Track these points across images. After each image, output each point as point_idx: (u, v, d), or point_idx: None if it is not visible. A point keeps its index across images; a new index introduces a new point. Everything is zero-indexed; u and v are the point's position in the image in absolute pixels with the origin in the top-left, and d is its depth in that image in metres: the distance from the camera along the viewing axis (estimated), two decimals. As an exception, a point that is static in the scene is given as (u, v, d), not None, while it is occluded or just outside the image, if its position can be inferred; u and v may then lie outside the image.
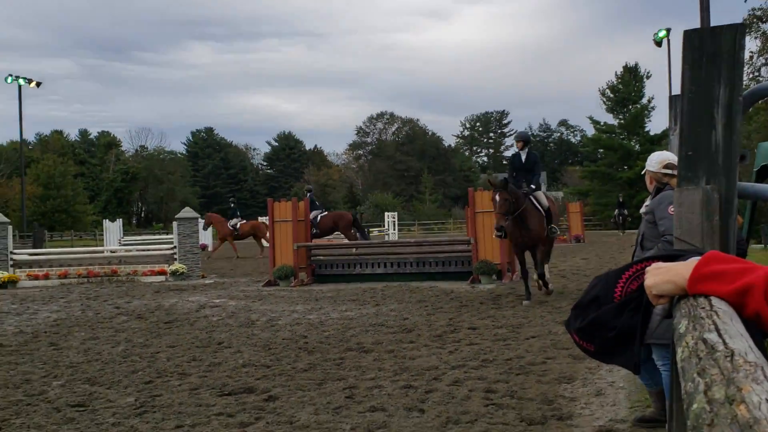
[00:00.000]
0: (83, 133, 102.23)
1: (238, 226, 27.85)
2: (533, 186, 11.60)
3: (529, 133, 14.04)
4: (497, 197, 10.77)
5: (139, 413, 5.46)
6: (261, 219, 30.40)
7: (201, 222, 24.60)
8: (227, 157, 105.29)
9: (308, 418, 5.16)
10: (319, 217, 22.83)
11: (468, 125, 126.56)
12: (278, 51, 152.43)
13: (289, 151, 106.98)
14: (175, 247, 18.47)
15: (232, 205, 30.56)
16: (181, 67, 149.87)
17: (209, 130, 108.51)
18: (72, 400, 5.90)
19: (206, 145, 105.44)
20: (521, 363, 6.77)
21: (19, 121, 48.37)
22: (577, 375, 6.21)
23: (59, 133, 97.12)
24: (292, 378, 6.48)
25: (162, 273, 17.92)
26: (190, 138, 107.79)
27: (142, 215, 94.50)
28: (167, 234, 35.75)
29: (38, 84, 49.55)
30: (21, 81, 47.39)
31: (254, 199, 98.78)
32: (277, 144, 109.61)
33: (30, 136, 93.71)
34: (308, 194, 23.99)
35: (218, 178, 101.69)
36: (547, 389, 5.76)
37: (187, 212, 19.23)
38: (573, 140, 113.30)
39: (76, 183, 74.14)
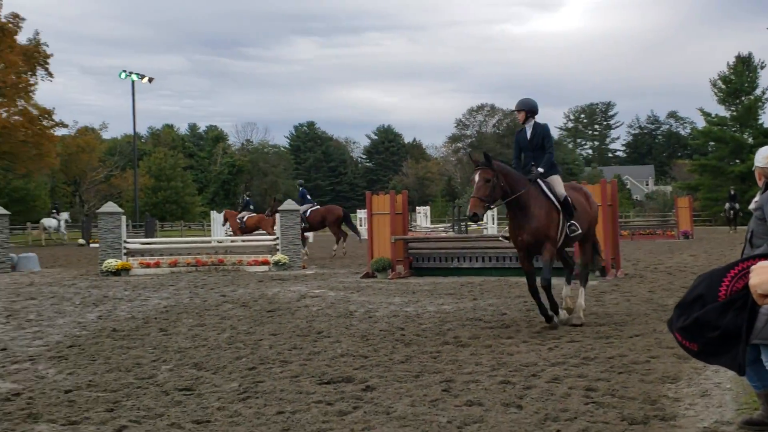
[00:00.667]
0: (192, 127, 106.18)
1: (244, 219, 26.99)
2: (541, 169, 8.75)
3: (534, 101, 9.12)
4: (476, 177, 8.25)
5: (242, 398, 5.64)
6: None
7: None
8: (328, 150, 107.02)
9: (405, 409, 5.20)
10: (309, 211, 22.90)
11: (572, 117, 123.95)
12: (379, 45, 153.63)
13: (388, 144, 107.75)
14: (277, 238, 18.95)
15: (247, 197, 30.64)
16: (284, 63, 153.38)
17: (311, 124, 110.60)
18: (180, 384, 6.15)
19: (308, 138, 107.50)
20: (624, 361, 6.61)
21: (132, 115, 50.51)
22: (681, 375, 6.01)
23: (170, 127, 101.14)
24: (389, 369, 6.54)
25: (265, 263, 18.39)
26: (293, 132, 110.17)
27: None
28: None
29: (150, 79, 51.53)
30: (134, 77, 49.42)
31: (353, 192, 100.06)
32: (376, 137, 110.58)
33: (143, 130, 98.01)
34: (300, 189, 24.28)
35: (319, 171, 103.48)
36: (650, 389, 5.61)
37: (289, 204, 19.67)
38: (683, 133, 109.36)
39: (185, 175, 77.05)
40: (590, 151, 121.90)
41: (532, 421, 4.85)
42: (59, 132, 49.83)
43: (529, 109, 9.01)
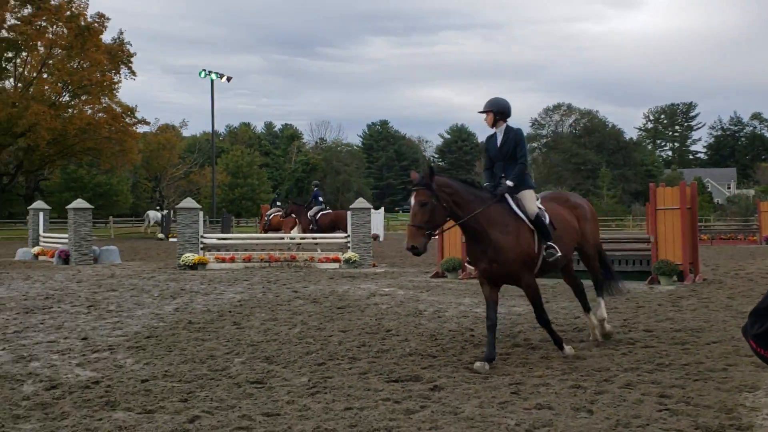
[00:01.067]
0: (268, 126, 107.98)
1: (270, 217, 27.82)
2: (510, 183, 7.26)
3: (505, 101, 7.49)
4: (411, 200, 6.88)
5: (311, 393, 5.72)
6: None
7: (373, 213, 24.47)
8: (400, 149, 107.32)
9: (473, 410, 5.18)
10: (319, 215, 23.65)
11: (652, 117, 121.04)
12: (455, 44, 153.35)
13: (461, 143, 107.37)
14: (348, 236, 19.11)
15: (275, 195, 31.09)
16: (359, 62, 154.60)
17: (384, 123, 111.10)
18: (251, 377, 6.27)
19: (381, 137, 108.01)
20: (700, 369, 6.42)
21: (211, 113, 51.74)
22: (760, 384, 5.81)
23: (247, 125, 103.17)
24: (458, 369, 6.52)
25: (336, 260, 18.57)
26: (366, 130, 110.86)
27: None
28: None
29: (229, 79, 52.64)
30: (213, 76, 50.58)
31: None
32: (449, 136, 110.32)
33: (221, 128, 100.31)
34: (315, 189, 24.74)
35: (391, 170, 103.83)
36: (727, 397, 5.43)
37: (361, 203, 19.79)
38: (767, 135, 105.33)
39: (261, 172, 78.42)
40: (670, 153, 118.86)
41: (603, 426, 4.77)
42: (141, 129, 51.48)
43: (498, 110, 7.47)
